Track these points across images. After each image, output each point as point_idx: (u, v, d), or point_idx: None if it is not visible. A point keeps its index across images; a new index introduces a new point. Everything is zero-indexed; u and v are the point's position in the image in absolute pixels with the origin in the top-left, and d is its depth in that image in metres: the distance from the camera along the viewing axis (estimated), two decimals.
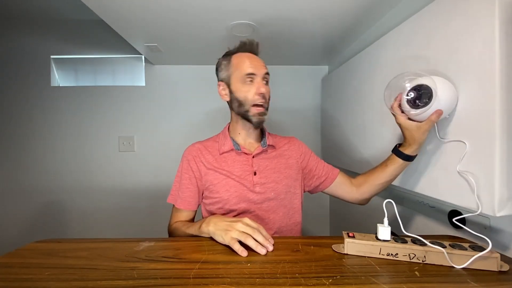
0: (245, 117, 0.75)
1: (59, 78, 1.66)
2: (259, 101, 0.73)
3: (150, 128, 1.65)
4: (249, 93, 0.73)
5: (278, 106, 1.68)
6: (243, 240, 0.54)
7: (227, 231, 0.56)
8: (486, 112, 0.53)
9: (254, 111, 0.73)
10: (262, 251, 0.53)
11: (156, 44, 1.28)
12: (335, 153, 1.40)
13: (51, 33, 1.61)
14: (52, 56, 1.62)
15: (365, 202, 0.84)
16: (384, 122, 0.91)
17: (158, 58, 1.53)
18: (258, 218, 0.74)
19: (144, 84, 1.65)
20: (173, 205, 0.80)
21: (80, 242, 0.61)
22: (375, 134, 0.97)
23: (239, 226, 0.56)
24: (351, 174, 1.33)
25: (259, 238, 0.54)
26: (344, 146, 1.27)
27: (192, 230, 0.66)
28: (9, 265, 0.50)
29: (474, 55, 0.56)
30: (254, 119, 0.74)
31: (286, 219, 0.77)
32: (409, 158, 0.69)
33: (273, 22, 1.07)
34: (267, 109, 0.76)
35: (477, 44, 0.55)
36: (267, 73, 0.76)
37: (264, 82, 0.75)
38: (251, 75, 0.72)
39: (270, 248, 0.54)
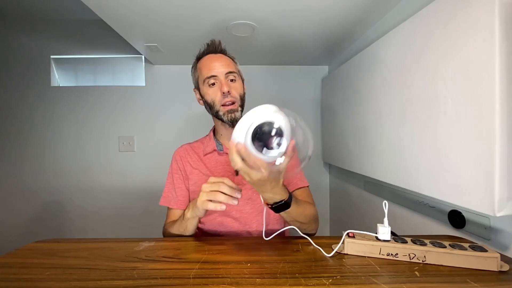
0: (218, 118, 0.75)
1: (59, 78, 1.66)
2: (225, 100, 0.72)
3: (150, 128, 1.65)
4: (216, 95, 0.73)
5: (278, 106, 1.68)
6: (213, 198, 0.55)
7: (198, 200, 0.57)
8: (486, 112, 0.53)
9: (223, 110, 0.73)
10: (234, 202, 0.54)
11: (156, 44, 1.28)
12: (336, 153, 1.40)
13: (51, 33, 1.61)
14: (52, 56, 1.62)
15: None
16: (384, 123, 0.91)
17: (158, 58, 1.53)
18: (240, 218, 0.73)
19: (144, 84, 1.65)
20: (168, 207, 0.80)
21: (80, 242, 0.61)
22: (375, 134, 0.97)
23: (204, 187, 0.57)
24: (352, 174, 1.34)
25: (226, 189, 0.55)
26: (345, 146, 1.27)
27: (179, 222, 0.66)
28: (9, 265, 0.50)
29: (474, 55, 0.56)
30: (225, 118, 0.73)
31: (268, 218, 0.74)
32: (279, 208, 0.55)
33: (273, 22, 1.06)
34: (241, 105, 0.75)
35: (477, 44, 0.55)
36: (231, 72, 0.74)
37: (229, 80, 0.74)
38: (211, 77, 0.72)
39: (239, 195, 0.55)
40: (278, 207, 0.55)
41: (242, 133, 0.44)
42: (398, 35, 0.83)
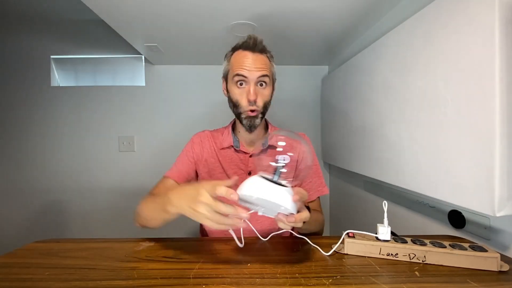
0: (238, 118, 0.74)
1: (59, 78, 1.66)
2: (249, 107, 0.70)
3: (150, 128, 1.65)
4: (242, 98, 0.70)
5: (278, 106, 1.68)
6: (217, 227, 0.45)
7: (195, 214, 0.45)
8: (486, 112, 0.53)
9: (245, 114, 0.71)
10: (242, 224, 0.46)
11: (156, 44, 1.28)
12: (335, 153, 1.40)
13: (50, 33, 1.61)
14: (52, 56, 1.62)
15: None
16: (384, 123, 0.91)
17: (158, 58, 1.53)
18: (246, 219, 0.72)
19: (144, 84, 1.65)
20: (163, 176, 0.78)
21: (80, 242, 0.61)
22: (375, 134, 0.97)
23: (202, 209, 0.44)
24: (352, 174, 1.34)
25: (228, 210, 0.44)
26: (344, 146, 1.27)
27: (157, 209, 0.57)
28: (9, 265, 0.50)
29: (474, 55, 0.56)
30: (244, 122, 0.72)
31: (270, 219, 0.74)
32: None
33: (273, 22, 1.06)
34: (263, 113, 0.73)
35: (477, 44, 0.55)
36: (264, 75, 0.69)
37: (259, 85, 0.70)
38: (240, 76, 0.68)
39: (245, 215, 0.44)
40: None
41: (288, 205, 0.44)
42: (398, 35, 0.83)
